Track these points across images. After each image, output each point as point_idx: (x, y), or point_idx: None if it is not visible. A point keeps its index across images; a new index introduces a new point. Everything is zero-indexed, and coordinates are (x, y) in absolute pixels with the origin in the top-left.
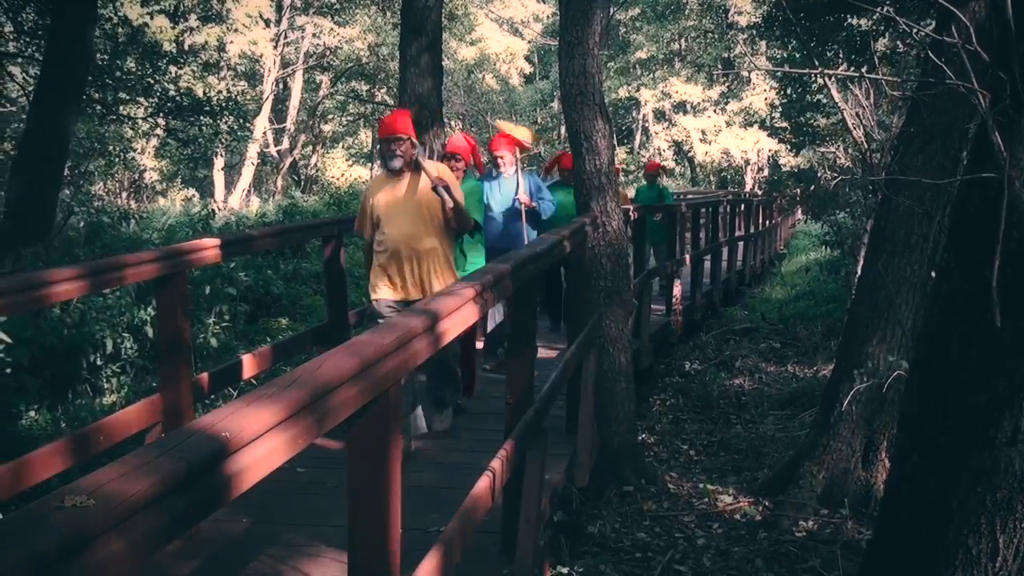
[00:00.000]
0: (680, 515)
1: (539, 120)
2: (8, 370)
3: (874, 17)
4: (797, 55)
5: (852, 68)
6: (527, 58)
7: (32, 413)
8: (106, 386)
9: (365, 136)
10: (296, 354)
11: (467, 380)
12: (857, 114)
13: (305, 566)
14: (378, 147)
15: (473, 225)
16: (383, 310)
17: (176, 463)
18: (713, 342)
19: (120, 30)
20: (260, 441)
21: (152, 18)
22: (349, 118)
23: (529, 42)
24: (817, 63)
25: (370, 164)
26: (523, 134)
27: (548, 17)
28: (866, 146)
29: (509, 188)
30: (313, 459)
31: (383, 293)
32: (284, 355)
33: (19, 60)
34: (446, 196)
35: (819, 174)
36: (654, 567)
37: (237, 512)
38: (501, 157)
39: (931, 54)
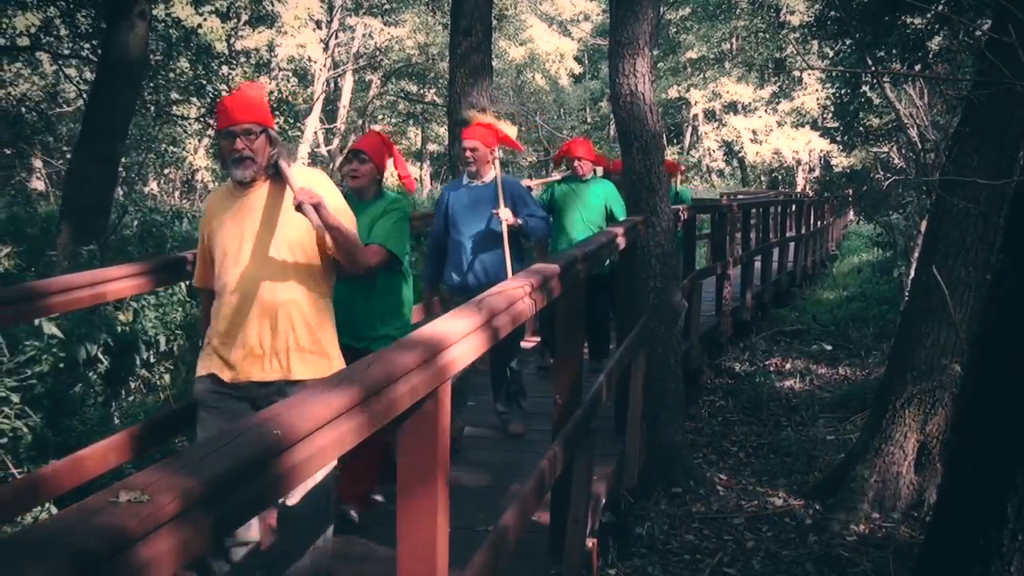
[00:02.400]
0: (729, 517)
1: (588, 120)
2: (61, 365)
3: (928, 16)
4: (850, 53)
5: (906, 67)
6: (576, 58)
7: (88, 409)
8: (158, 383)
9: (414, 135)
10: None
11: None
12: (911, 113)
13: (353, 562)
14: (221, 145)
15: (379, 261)
16: (206, 397)
17: (229, 460)
18: (763, 343)
19: (173, 31)
20: (312, 438)
21: (205, 19)
22: (399, 118)
23: (578, 41)
24: (870, 62)
25: (419, 163)
26: (509, 130)
27: (598, 16)
28: (920, 146)
29: (483, 200)
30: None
31: (209, 370)
32: None
33: (74, 62)
34: (313, 217)
35: (872, 174)
36: (703, 569)
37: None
38: (471, 152)
39: (987, 53)
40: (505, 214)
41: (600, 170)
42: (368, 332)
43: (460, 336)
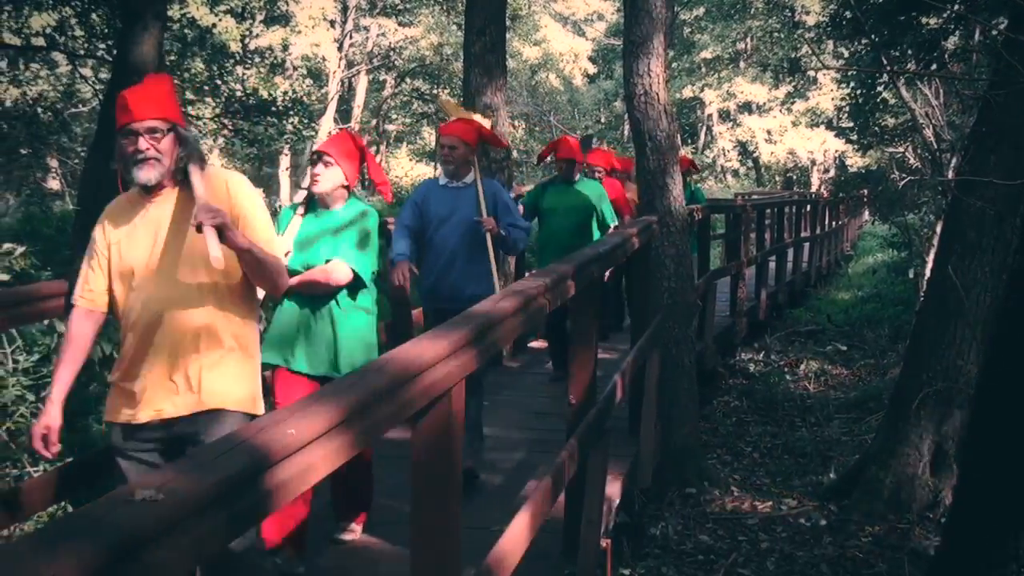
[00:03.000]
0: (743, 518)
1: (602, 120)
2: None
3: (944, 15)
4: (865, 53)
5: (921, 67)
6: (591, 58)
7: (103, 408)
8: None
9: (428, 135)
10: None
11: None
12: (926, 113)
13: (368, 560)
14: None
15: (340, 281)
16: (119, 445)
17: (243, 459)
18: (778, 344)
19: (188, 31)
20: (322, 440)
21: (219, 19)
22: (413, 118)
23: (592, 40)
24: (886, 62)
25: (433, 163)
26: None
27: (612, 15)
28: (936, 146)
29: (462, 203)
30: (375, 456)
31: (117, 412)
32: None
33: (90, 62)
34: (211, 243)
35: (887, 175)
36: (717, 570)
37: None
38: (450, 150)
39: (1004, 52)
40: (490, 224)
41: (596, 172)
42: (327, 358)
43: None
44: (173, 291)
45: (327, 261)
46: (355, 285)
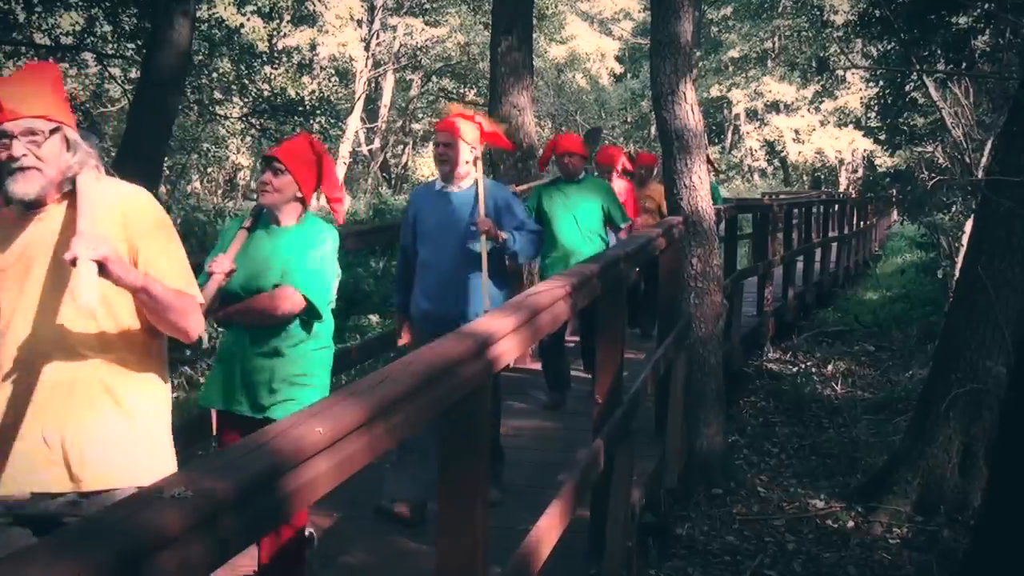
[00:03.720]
0: (770, 519)
1: (629, 119)
2: None
3: (974, 14)
4: (893, 53)
5: (951, 66)
6: (617, 57)
7: None
8: (201, 380)
9: None
10: (387, 351)
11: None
12: (956, 113)
13: (393, 560)
14: None
15: (290, 311)
16: None
17: (268, 457)
18: (805, 344)
19: (216, 31)
20: (351, 438)
21: (247, 19)
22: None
23: (619, 39)
24: (915, 61)
25: None
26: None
27: (639, 14)
28: (965, 145)
29: (459, 210)
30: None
31: None
32: (375, 352)
33: (119, 61)
34: (84, 277)
35: (916, 175)
36: (743, 571)
37: (327, 506)
38: (445, 147)
39: None
40: (486, 225)
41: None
42: (268, 398)
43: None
44: (48, 336)
45: (275, 287)
46: (308, 317)
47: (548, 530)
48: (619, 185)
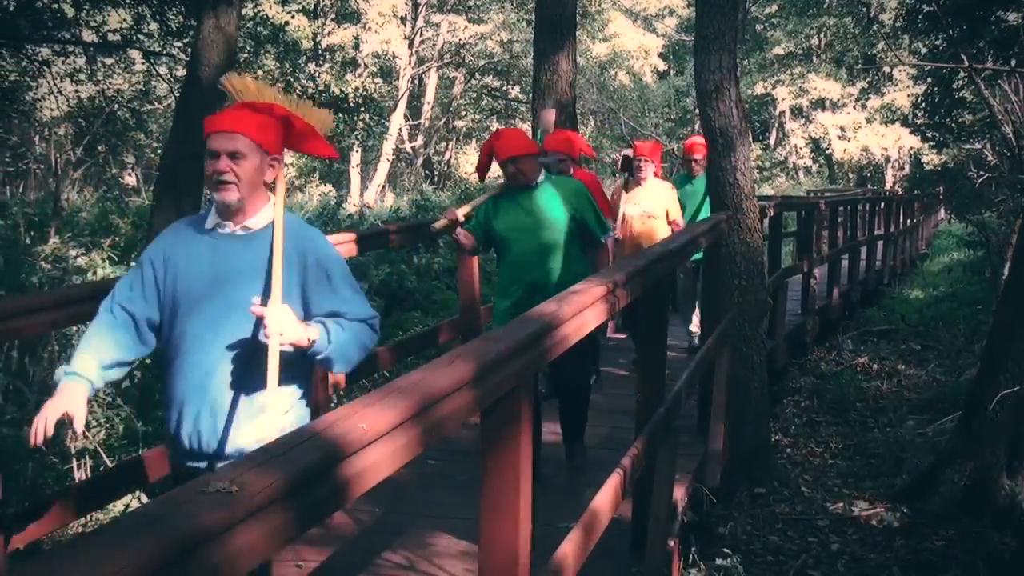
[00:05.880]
0: (814, 519)
1: (672, 116)
2: (148, 361)
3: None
4: (941, 49)
5: (1000, 62)
6: (661, 54)
7: None
8: None
9: None
10: (429, 347)
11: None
12: (1006, 109)
13: (435, 557)
14: None
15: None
16: None
17: (315, 452)
18: (850, 343)
19: (261, 29)
20: (394, 433)
21: (292, 17)
22: (482, 114)
23: (663, 36)
24: (964, 57)
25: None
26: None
27: (683, 10)
28: (1015, 142)
29: (242, 267)
30: (443, 452)
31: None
32: (417, 348)
33: (165, 59)
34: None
35: (964, 172)
36: (786, 571)
37: (369, 502)
38: (232, 161)
39: None
40: (264, 314)
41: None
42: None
43: (544, 331)
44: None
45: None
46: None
47: (590, 528)
48: (582, 178)
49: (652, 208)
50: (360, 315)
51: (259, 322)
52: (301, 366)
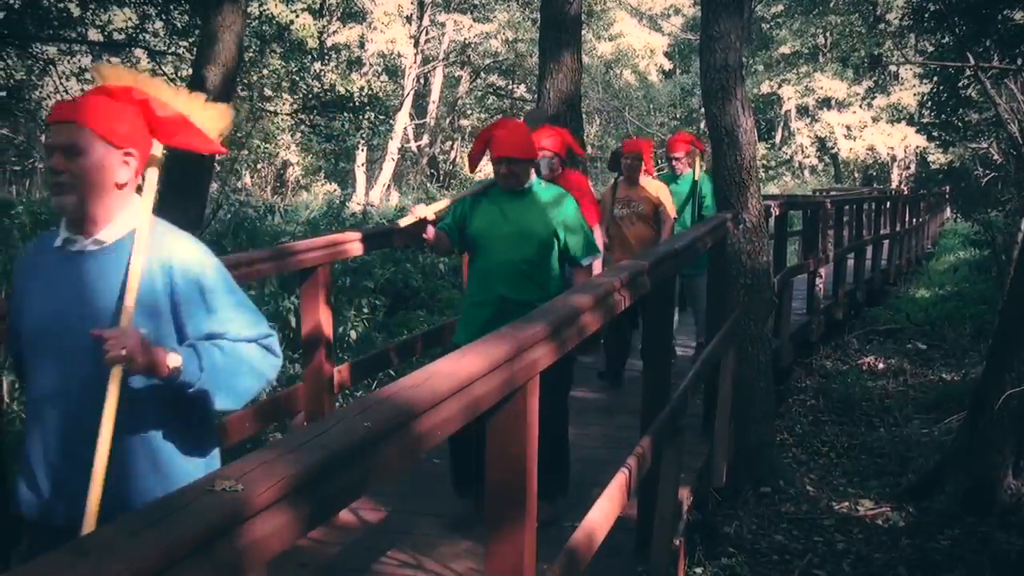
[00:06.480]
0: (819, 518)
1: (678, 115)
2: None
3: None
4: (948, 48)
5: (1007, 61)
6: (667, 53)
7: None
8: None
9: None
10: (434, 347)
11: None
12: (1012, 108)
13: (441, 556)
14: None
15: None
16: None
17: (322, 451)
18: (856, 342)
19: (266, 28)
20: (405, 430)
21: (297, 16)
22: (488, 113)
23: (668, 35)
24: (970, 56)
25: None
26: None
27: (689, 9)
28: (1021, 141)
29: (92, 289)
30: (447, 452)
31: None
32: (422, 348)
33: (170, 58)
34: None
35: (970, 171)
36: (792, 570)
37: (375, 501)
38: (64, 158)
39: None
40: (113, 334)
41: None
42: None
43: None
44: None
45: None
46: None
47: (595, 528)
48: (569, 178)
49: (643, 208)
50: (247, 334)
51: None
52: (188, 406)
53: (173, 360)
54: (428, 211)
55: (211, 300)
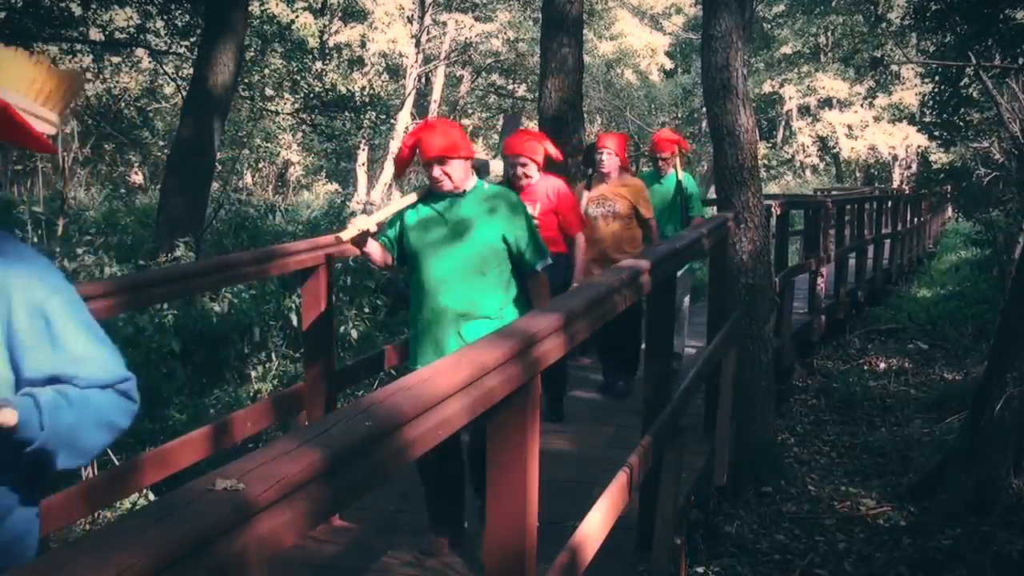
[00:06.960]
0: (820, 518)
1: (679, 114)
2: (153, 356)
3: None
4: (949, 48)
5: (1008, 61)
6: (668, 53)
7: (181, 399)
8: (252, 374)
9: None
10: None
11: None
12: (1013, 108)
13: (442, 554)
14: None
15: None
16: None
17: (325, 449)
18: (857, 342)
19: (267, 27)
20: (397, 434)
21: (298, 15)
22: (489, 112)
23: (669, 34)
24: (971, 56)
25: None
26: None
27: (690, 8)
28: (1022, 141)
29: None
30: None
31: None
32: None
33: (171, 58)
34: None
35: (971, 170)
36: (793, 570)
37: (377, 499)
38: None
39: None
40: None
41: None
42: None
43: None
44: None
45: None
46: None
47: (596, 527)
48: (550, 184)
49: (618, 207)
50: (100, 378)
51: None
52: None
53: (7, 416)
54: (369, 222)
55: (58, 335)
